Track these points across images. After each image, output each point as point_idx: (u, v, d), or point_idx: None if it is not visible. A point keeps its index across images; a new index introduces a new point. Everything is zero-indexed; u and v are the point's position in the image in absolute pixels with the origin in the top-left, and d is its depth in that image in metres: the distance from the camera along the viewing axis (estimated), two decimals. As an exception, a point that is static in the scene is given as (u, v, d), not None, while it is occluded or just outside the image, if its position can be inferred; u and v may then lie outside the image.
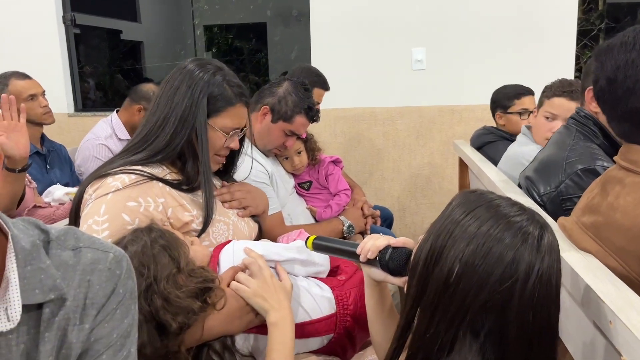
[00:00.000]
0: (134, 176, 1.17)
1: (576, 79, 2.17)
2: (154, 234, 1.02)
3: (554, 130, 1.65)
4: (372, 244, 0.95)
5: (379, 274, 0.97)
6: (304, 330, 1.13)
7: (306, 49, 3.24)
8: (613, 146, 1.34)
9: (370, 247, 0.95)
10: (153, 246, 0.98)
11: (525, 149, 1.91)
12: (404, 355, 0.79)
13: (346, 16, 3.11)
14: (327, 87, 2.59)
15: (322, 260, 1.24)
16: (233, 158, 1.43)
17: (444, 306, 0.72)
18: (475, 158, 2.12)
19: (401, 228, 3.26)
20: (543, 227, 0.72)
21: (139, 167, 1.20)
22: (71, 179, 2.48)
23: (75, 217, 1.21)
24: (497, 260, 0.69)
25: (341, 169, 2.14)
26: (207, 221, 1.23)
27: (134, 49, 5.93)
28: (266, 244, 1.27)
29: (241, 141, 1.38)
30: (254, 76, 5.27)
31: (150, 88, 2.62)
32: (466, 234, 0.71)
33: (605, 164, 1.28)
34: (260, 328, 1.08)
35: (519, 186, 1.53)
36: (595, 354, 0.85)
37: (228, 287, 1.06)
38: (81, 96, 3.71)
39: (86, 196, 1.18)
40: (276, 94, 1.80)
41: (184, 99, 1.22)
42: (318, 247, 1.06)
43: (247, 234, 1.37)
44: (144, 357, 0.87)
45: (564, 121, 1.57)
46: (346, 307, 1.18)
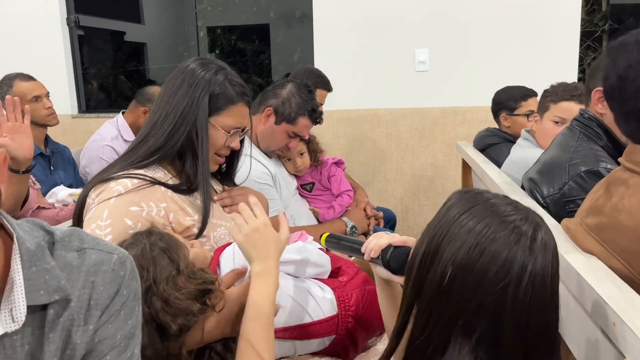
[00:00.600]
0: (136, 180, 1.17)
1: (580, 81, 2.16)
2: (153, 237, 1.02)
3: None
4: (375, 242, 0.96)
5: (384, 272, 0.98)
6: (305, 331, 1.13)
7: (309, 50, 3.24)
8: (617, 148, 1.34)
9: (373, 246, 0.96)
10: (152, 249, 0.98)
11: (530, 152, 1.89)
12: (399, 357, 0.79)
13: (349, 17, 3.11)
14: (329, 88, 2.59)
15: (323, 261, 1.23)
16: (233, 160, 1.42)
17: (438, 310, 0.71)
18: (478, 159, 2.11)
19: (404, 229, 3.25)
20: (537, 226, 0.71)
21: (141, 172, 1.20)
22: (75, 180, 2.48)
23: (78, 221, 1.21)
24: (490, 262, 0.68)
25: (343, 170, 2.14)
26: (204, 221, 1.23)
27: (138, 50, 5.94)
28: None
29: (241, 142, 1.37)
30: (256, 77, 5.28)
31: (156, 90, 2.62)
32: (459, 235, 0.70)
33: (609, 165, 1.28)
34: None
35: (522, 188, 1.53)
36: (599, 356, 0.85)
37: (228, 289, 1.06)
38: (85, 98, 3.73)
39: (89, 200, 1.18)
40: (280, 95, 1.81)
41: (185, 97, 1.21)
42: (330, 243, 1.11)
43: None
44: (145, 359, 0.87)
45: (571, 124, 1.57)
46: (348, 308, 1.18)
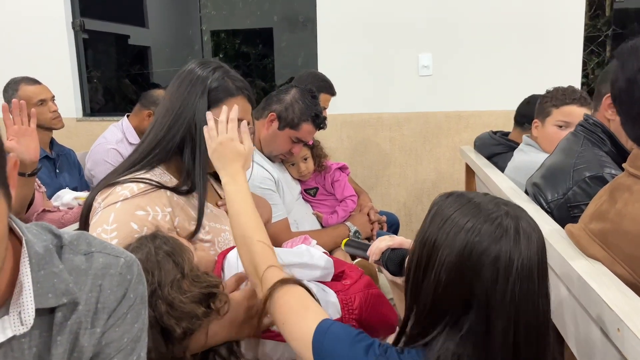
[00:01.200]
0: (142, 185, 1.18)
1: (583, 86, 2.15)
2: (158, 240, 1.02)
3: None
4: (377, 246, 1.02)
5: (387, 273, 1.03)
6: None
7: (313, 54, 3.25)
8: (620, 154, 1.34)
9: (374, 249, 1.02)
10: (157, 253, 0.98)
11: (535, 156, 1.88)
12: None
13: (353, 22, 3.12)
14: (333, 93, 2.59)
15: (325, 263, 1.24)
16: None
17: (435, 313, 0.75)
18: (481, 164, 2.11)
19: (407, 234, 3.24)
20: (518, 218, 0.73)
21: (147, 176, 1.21)
22: (80, 183, 2.50)
23: (84, 225, 1.21)
24: (479, 260, 0.71)
25: (347, 175, 2.14)
26: (200, 219, 1.23)
27: (142, 54, 5.96)
28: None
29: None
30: (260, 81, 5.28)
31: (160, 94, 2.64)
32: (447, 241, 0.73)
33: (613, 171, 1.27)
34: (266, 333, 1.08)
35: (526, 193, 1.53)
36: (603, 361, 0.85)
37: (232, 293, 1.07)
38: (89, 101, 3.75)
39: (95, 204, 1.19)
40: (283, 101, 1.81)
41: (184, 93, 1.24)
42: (348, 247, 1.23)
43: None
44: (150, 362, 0.87)
45: (575, 128, 1.56)
46: (351, 311, 1.18)
